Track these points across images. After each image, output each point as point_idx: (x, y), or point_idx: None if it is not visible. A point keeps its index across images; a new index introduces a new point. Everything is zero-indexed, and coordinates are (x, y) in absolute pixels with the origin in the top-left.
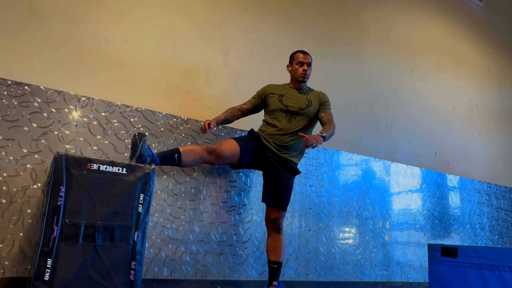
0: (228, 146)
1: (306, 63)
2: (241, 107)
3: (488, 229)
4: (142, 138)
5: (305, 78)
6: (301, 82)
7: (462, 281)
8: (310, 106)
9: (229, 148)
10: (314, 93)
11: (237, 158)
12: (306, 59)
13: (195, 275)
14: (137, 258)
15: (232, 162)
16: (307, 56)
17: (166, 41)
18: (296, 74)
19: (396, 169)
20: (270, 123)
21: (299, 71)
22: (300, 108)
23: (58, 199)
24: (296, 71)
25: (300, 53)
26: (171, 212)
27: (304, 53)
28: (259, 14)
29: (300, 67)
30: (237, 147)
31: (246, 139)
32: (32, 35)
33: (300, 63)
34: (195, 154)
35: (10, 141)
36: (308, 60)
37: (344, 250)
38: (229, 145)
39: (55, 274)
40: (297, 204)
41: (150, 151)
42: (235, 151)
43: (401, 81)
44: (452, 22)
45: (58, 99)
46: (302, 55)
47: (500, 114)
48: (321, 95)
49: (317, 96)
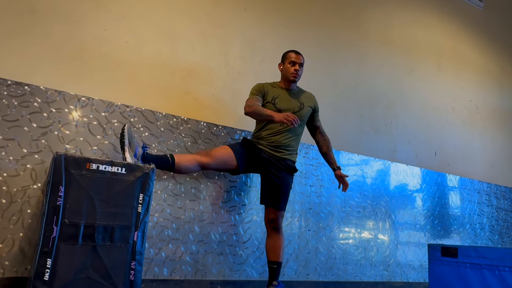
0: (222, 150)
1: (298, 63)
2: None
3: (488, 229)
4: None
5: (296, 78)
6: (291, 82)
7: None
8: (303, 109)
9: (223, 152)
10: (305, 95)
11: (234, 163)
12: (299, 59)
13: (195, 275)
14: (137, 258)
15: (229, 167)
16: (300, 56)
17: (166, 41)
18: (287, 73)
19: (396, 169)
20: (262, 125)
21: (291, 71)
22: (293, 111)
23: (58, 199)
24: (287, 70)
25: (293, 52)
26: (171, 212)
27: (296, 53)
28: (259, 14)
29: (292, 67)
30: (231, 151)
31: (237, 145)
32: (32, 35)
33: (292, 63)
34: (189, 157)
35: (10, 141)
36: (300, 60)
37: (344, 250)
38: (223, 149)
39: (55, 274)
40: (297, 204)
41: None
42: (229, 154)
43: (401, 81)
44: (452, 22)
45: (58, 99)
46: (295, 55)
47: (500, 114)
48: (313, 99)
49: (308, 99)
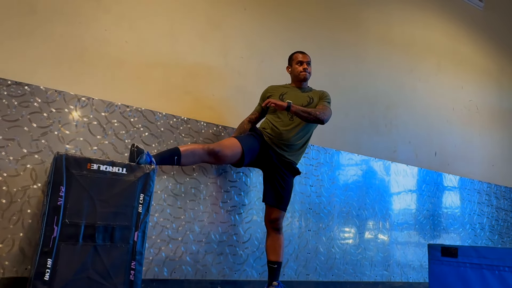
0: (230, 147)
1: (306, 61)
2: (250, 118)
3: (488, 229)
4: (140, 154)
5: (306, 76)
6: (302, 80)
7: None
8: (312, 103)
9: (230, 149)
10: (316, 92)
11: (238, 158)
12: (305, 58)
13: (195, 275)
14: (137, 258)
15: (233, 162)
16: (306, 55)
17: (166, 41)
18: (297, 73)
19: (396, 169)
20: (272, 121)
21: (299, 69)
22: (301, 105)
23: (58, 199)
24: (296, 70)
25: (299, 53)
26: (171, 212)
27: (302, 53)
28: (259, 15)
29: (300, 66)
30: (239, 147)
31: (248, 138)
32: (32, 35)
33: (300, 62)
34: (195, 155)
35: (10, 141)
36: (307, 59)
37: (344, 250)
38: (231, 145)
39: (55, 274)
40: (297, 204)
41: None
42: (236, 151)
43: (401, 81)
44: (452, 22)
45: (58, 99)
46: (301, 54)
47: (500, 114)
48: (321, 92)
49: (318, 94)
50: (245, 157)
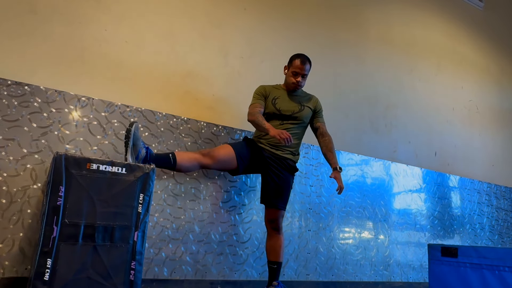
0: (223, 149)
1: (301, 74)
2: (260, 110)
3: (488, 229)
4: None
5: (297, 89)
6: (291, 90)
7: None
8: (303, 110)
9: (224, 151)
10: (308, 97)
11: (234, 163)
12: (303, 71)
13: (195, 275)
14: (137, 258)
15: (229, 167)
16: (304, 67)
17: (166, 41)
18: (289, 82)
19: (396, 169)
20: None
21: (292, 80)
22: (293, 112)
23: (58, 199)
24: (289, 78)
25: (299, 61)
26: (171, 212)
27: (302, 63)
28: (259, 14)
29: (294, 77)
30: (232, 151)
31: (240, 144)
32: (32, 35)
33: (295, 73)
34: (190, 156)
35: (10, 141)
36: (304, 71)
37: (344, 250)
38: (224, 148)
39: (55, 274)
40: (297, 204)
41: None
42: (230, 154)
43: (401, 81)
44: (452, 22)
45: (58, 99)
46: (300, 65)
47: (500, 114)
48: (314, 100)
49: (309, 101)
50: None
